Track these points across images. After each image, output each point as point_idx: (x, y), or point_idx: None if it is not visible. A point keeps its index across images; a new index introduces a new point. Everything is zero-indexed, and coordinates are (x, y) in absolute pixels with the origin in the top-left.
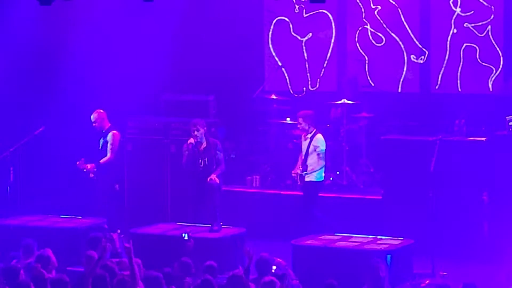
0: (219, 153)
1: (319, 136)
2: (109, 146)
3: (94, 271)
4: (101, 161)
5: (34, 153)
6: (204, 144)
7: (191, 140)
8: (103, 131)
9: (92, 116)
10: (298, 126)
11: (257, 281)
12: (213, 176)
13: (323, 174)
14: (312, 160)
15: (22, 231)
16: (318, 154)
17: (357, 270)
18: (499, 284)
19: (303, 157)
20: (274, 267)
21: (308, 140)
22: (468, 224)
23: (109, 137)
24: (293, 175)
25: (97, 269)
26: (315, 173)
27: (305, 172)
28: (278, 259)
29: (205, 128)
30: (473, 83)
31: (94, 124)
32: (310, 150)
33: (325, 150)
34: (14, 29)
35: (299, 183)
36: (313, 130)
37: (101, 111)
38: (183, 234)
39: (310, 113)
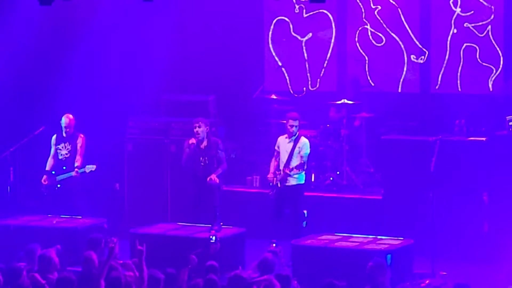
0: (221, 152)
1: (305, 139)
2: (80, 150)
3: (103, 272)
4: (80, 164)
5: (34, 153)
6: (205, 143)
7: (193, 140)
8: (69, 136)
9: (66, 121)
10: (292, 128)
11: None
12: (213, 176)
13: (304, 177)
14: (295, 163)
15: (22, 231)
16: (301, 157)
17: (357, 270)
18: (499, 284)
19: (284, 159)
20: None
21: (292, 143)
22: (468, 224)
23: (80, 140)
24: (270, 178)
25: (106, 271)
26: (296, 175)
27: (292, 172)
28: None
29: (208, 127)
30: (473, 83)
31: (67, 129)
32: (295, 152)
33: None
34: (14, 29)
35: (279, 185)
36: (297, 132)
37: (71, 116)
38: (211, 237)
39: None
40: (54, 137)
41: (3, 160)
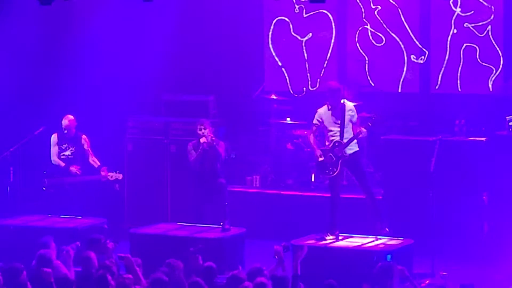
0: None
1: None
2: (89, 150)
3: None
4: (98, 162)
5: (34, 153)
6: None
7: (204, 139)
8: (71, 137)
9: (65, 122)
10: None
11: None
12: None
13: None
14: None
15: (22, 231)
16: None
17: (357, 270)
18: (499, 284)
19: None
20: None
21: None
22: (468, 224)
23: (84, 141)
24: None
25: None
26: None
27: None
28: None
29: (212, 128)
30: (473, 83)
31: (68, 131)
32: (346, 121)
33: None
34: (14, 29)
35: (340, 154)
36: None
37: (72, 116)
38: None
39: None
40: (55, 135)
41: (3, 160)
